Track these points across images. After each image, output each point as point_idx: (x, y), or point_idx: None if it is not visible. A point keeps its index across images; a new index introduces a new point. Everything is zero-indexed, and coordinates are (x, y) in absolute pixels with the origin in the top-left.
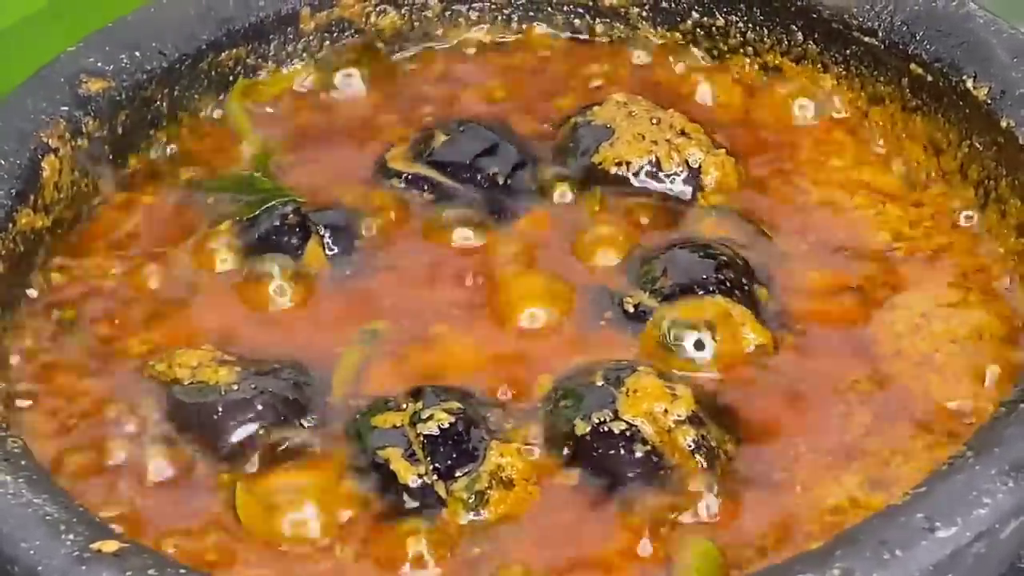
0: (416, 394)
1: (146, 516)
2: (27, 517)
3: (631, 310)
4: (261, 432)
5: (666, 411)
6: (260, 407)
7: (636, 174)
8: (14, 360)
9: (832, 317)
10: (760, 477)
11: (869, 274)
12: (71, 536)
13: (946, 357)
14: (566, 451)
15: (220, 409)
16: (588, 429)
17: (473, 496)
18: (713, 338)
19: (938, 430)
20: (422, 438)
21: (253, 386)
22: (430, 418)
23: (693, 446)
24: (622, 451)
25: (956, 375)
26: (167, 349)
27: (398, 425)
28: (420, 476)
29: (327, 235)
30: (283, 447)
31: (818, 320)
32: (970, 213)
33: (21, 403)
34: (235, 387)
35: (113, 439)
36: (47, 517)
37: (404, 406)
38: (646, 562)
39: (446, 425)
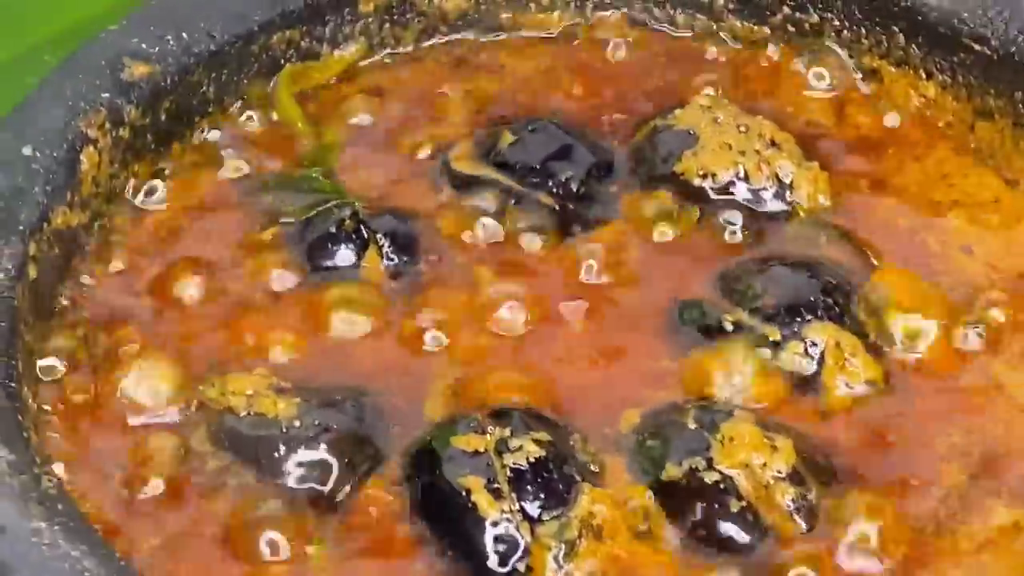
0: (501, 416)
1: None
2: (62, 574)
3: (730, 328)
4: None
5: (764, 464)
6: (324, 446)
7: (722, 187)
8: (47, 378)
9: (943, 354)
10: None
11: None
12: None
13: None
14: (650, 496)
15: (281, 447)
16: (679, 475)
17: (562, 545)
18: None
19: None
20: (509, 470)
21: (316, 422)
22: (519, 448)
23: (792, 506)
24: (716, 505)
25: None
26: (216, 372)
27: (481, 451)
28: (503, 513)
29: (386, 244)
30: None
31: (932, 354)
32: None
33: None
34: (296, 423)
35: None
36: (86, 573)
37: (489, 429)
38: None
39: (536, 459)
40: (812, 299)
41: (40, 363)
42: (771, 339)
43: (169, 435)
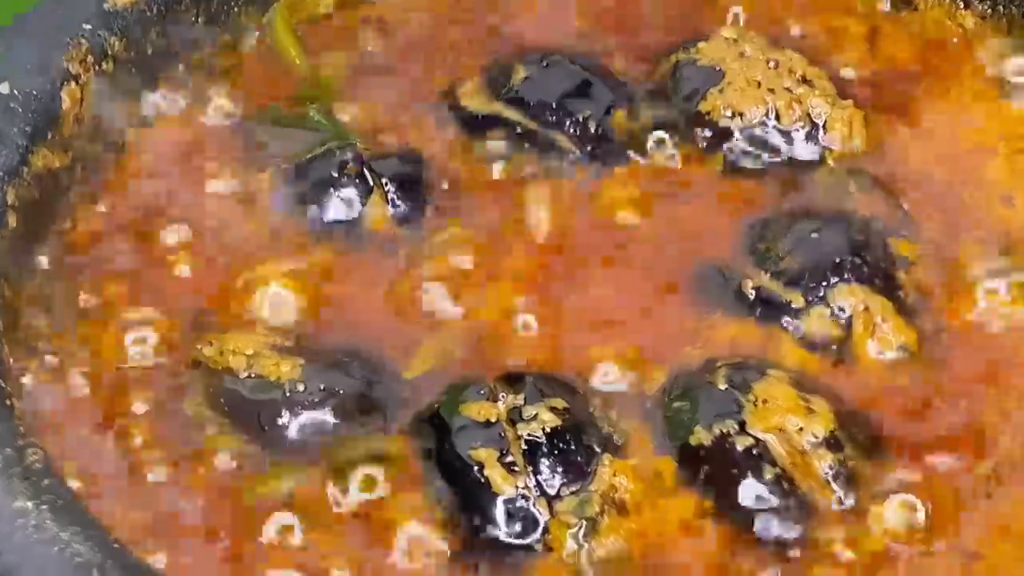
0: (513, 382)
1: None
2: (50, 559)
3: (751, 294)
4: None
5: (801, 428)
6: (330, 411)
7: (750, 127)
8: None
9: (980, 315)
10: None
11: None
12: None
13: None
14: (679, 464)
15: (284, 411)
16: (709, 441)
17: (583, 523)
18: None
19: None
20: (523, 442)
21: (321, 386)
22: (534, 418)
23: (830, 473)
24: (749, 473)
25: None
26: (208, 325)
27: (493, 421)
28: (518, 489)
29: (391, 188)
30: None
31: (970, 313)
32: None
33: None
34: (300, 386)
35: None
36: (77, 559)
37: (501, 396)
38: None
39: (552, 429)
40: (839, 260)
41: (23, 320)
42: (794, 305)
43: (160, 394)
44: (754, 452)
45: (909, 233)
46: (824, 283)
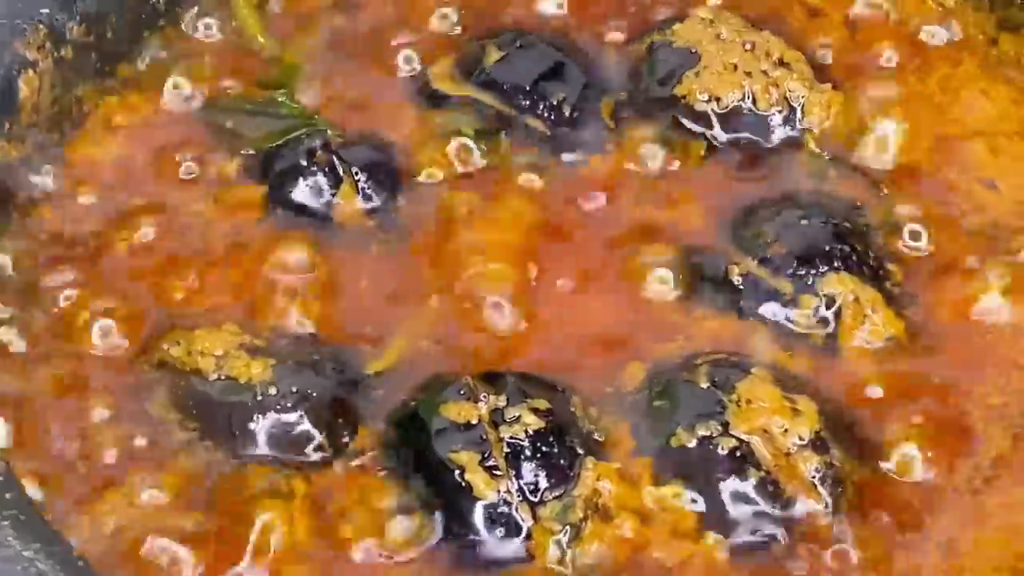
0: (494, 381)
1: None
2: None
3: (737, 280)
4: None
5: (785, 430)
6: (303, 414)
7: (726, 112)
8: None
9: (974, 299)
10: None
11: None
12: None
13: None
14: (661, 466)
15: (255, 414)
16: (692, 443)
17: (566, 529)
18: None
19: None
20: (506, 445)
21: (293, 388)
22: (517, 420)
23: (816, 476)
24: (732, 476)
25: None
26: (180, 328)
27: (475, 422)
28: (500, 494)
29: (362, 177)
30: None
31: (956, 303)
32: None
33: None
34: (272, 389)
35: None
36: None
37: (482, 396)
38: None
39: (535, 431)
40: (827, 248)
41: None
42: (783, 293)
43: (123, 396)
44: (738, 454)
45: (893, 221)
46: (813, 271)
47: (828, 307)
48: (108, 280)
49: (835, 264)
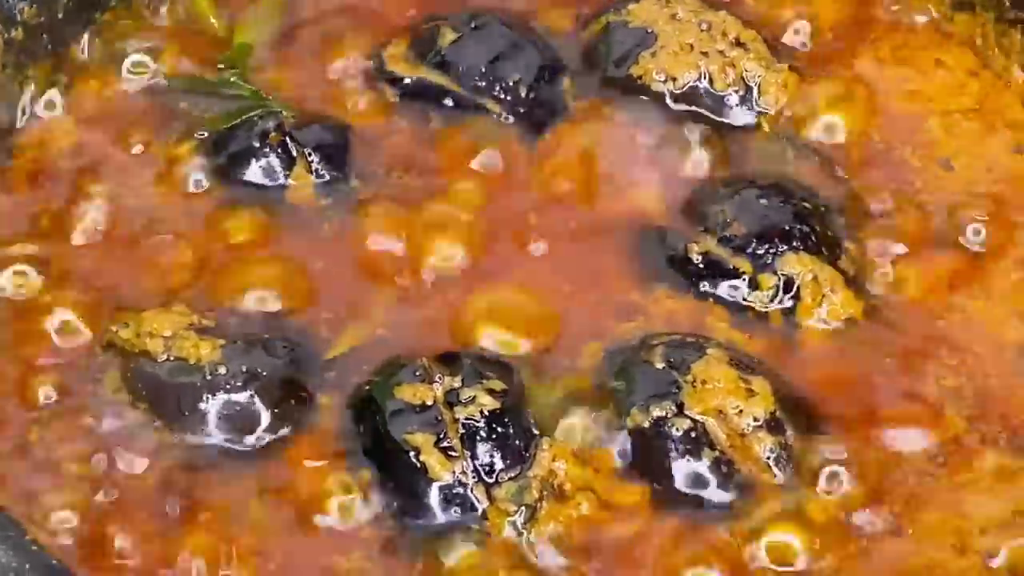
0: (450, 362)
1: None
2: None
3: (697, 259)
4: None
5: (740, 411)
6: (253, 393)
7: (683, 92)
8: None
9: (929, 281)
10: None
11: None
12: None
13: None
14: (615, 447)
15: (205, 395)
16: (647, 423)
17: (521, 509)
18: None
19: None
20: (460, 425)
21: (243, 367)
22: (472, 400)
23: (770, 456)
24: (687, 457)
25: None
26: (129, 309)
27: (429, 404)
28: (455, 475)
29: (315, 158)
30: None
31: (911, 285)
32: None
33: None
34: (221, 369)
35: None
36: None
37: (437, 377)
38: None
39: (490, 412)
40: (786, 228)
41: None
42: (742, 272)
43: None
44: (692, 435)
45: (850, 202)
46: (772, 251)
47: (787, 287)
48: (59, 260)
49: (794, 244)
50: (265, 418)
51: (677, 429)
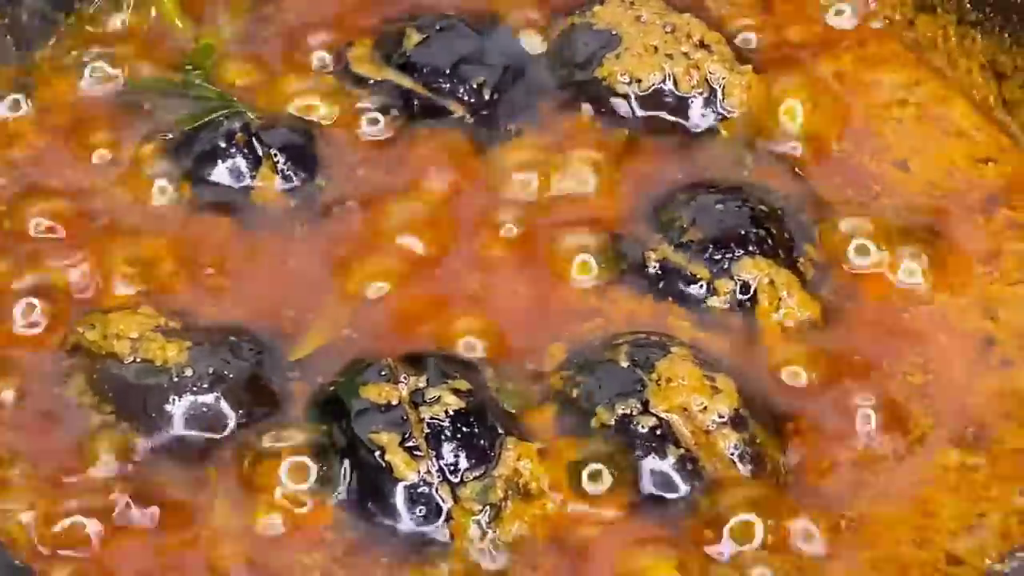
0: (415, 362)
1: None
2: None
3: (654, 266)
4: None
5: (705, 408)
6: (220, 395)
7: (648, 94)
8: None
9: (886, 284)
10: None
11: (927, 226)
12: None
13: None
14: (582, 446)
15: (171, 396)
16: (612, 421)
17: (486, 508)
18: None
19: None
20: (425, 425)
21: (210, 369)
22: (437, 400)
23: (735, 452)
24: (652, 454)
25: None
26: (95, 311)
27: (395, 404)
28: (420, 474)
29: (281, 159)
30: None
31: (868, 287)
32: None
33: None
34: (187, 371)
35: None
36: None
37: (403, 377)
38: None
39: (455, 412)
40: (743, 232)
41: None
42: (699, 278)
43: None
44: (658, 432)
45: (810, 204)
46: (729, 255)
47: (744, 291)
48: (21, 260)
49: (750, 248)
50: (231, 419)
51: (643, 427)
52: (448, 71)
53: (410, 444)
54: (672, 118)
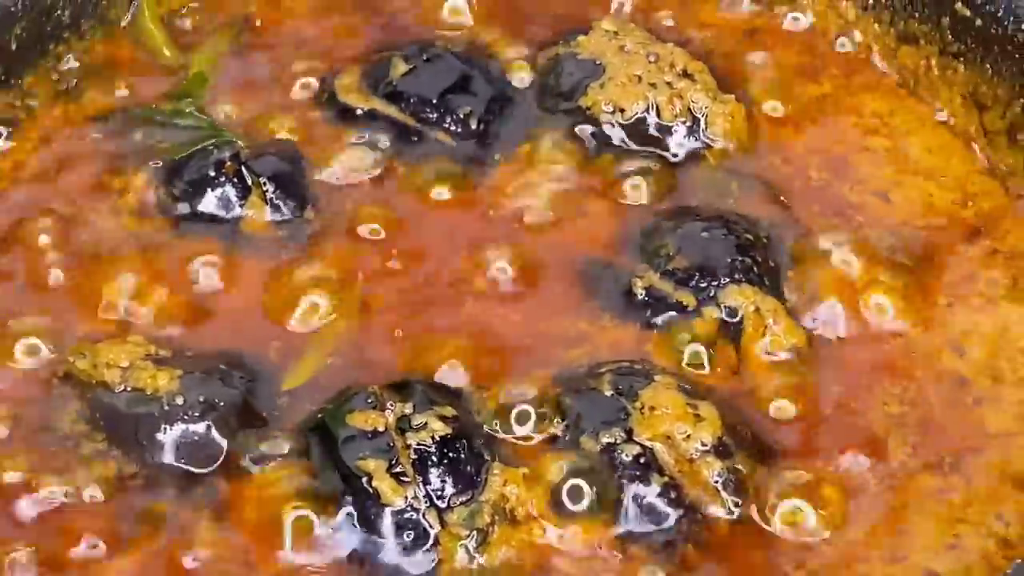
0: (401, 389)
1: None
2: None
3: (640, 293)
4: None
5: (688, 436)
6: (211, 423)
7: (631, 123)
8: None
9: (863, 317)
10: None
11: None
12: None
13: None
14: (567, 473)
15: (163, 425)
16: (596, 450)
17: (473, 534)
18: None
19: None
20: (412, 451)
21: (200, 398)
22: (423, 426)
23: (719, 481)
24: (637, 483)
25: None
26: (86, 340)
27: (381, 430)
28: (407, 500)
29: (270, 188)
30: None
31: (856, 311)
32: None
33: None
34: (178, 399)
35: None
36: None
37: (389, 404)
38: None
39: (441, 438)
40: (728, 260)
41: None
42: (686, 306)
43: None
44: (642, 461)
45: (794, 233)
46: (715, 283)
47: (730, 318)
48: (11, 290)
49: (736, 276)
50: (223, 447)
51: (627, 455)
52: (435, 101)
53: (397, 470)
54: (655, 148)
